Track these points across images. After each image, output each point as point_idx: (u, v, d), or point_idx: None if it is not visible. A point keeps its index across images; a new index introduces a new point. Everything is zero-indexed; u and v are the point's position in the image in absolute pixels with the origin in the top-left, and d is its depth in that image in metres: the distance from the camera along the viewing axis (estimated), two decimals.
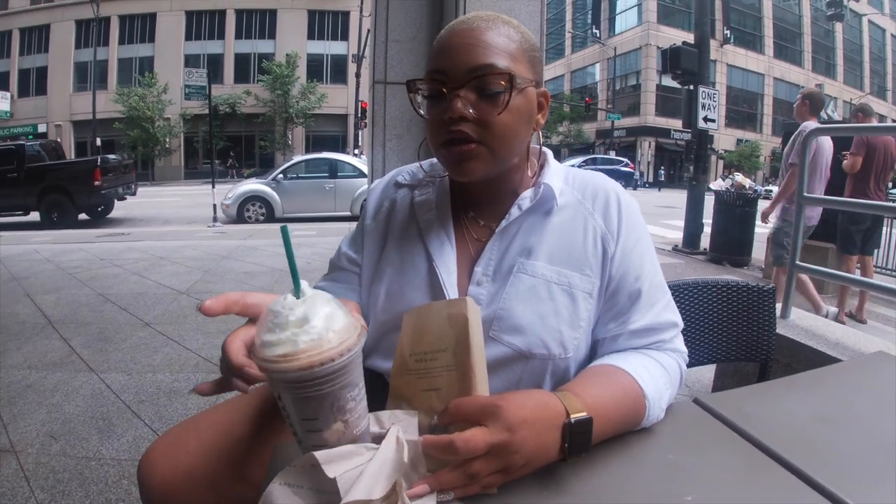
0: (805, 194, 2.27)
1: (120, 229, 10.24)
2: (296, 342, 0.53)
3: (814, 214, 4.22)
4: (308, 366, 0.53)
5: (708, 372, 2.57)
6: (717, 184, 7.23)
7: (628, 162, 30.83)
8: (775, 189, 5.06)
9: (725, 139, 37.18)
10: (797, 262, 2.30)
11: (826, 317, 5.03)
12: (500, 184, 0.91)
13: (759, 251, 6.62)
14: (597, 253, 0.87)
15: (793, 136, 4.05)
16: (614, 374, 0.80)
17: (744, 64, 38.67)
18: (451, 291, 0.87)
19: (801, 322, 2.19)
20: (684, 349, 0.92)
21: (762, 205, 5.22)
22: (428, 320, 0.73)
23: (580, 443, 0.67)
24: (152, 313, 4.19)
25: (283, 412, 0.59)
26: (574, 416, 0.67)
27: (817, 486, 0.66)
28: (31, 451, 2.27)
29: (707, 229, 7.45)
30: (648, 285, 0.88)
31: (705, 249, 7.48)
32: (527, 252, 0.87)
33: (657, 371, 0.83)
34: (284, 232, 0.63)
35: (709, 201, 7.41)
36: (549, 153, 0.98)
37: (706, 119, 7.75)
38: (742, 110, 39.56)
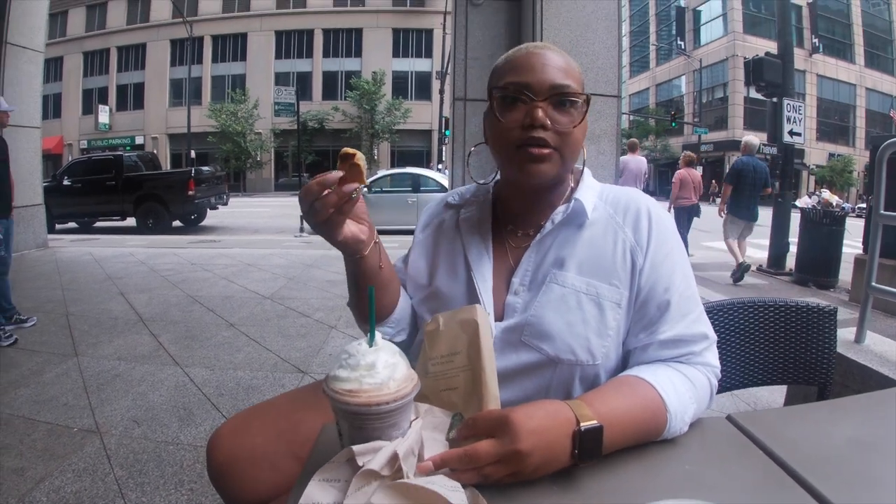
0: (882, 212, 2.15)
1: (211, 236, 10.85)
2: (361, 382, 0.64)
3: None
4: (366, 403, 0.63)
5: (779, 396, 2.47)
6: (804, 201, 6.81)
7: None
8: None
9: (817, 153, 35.10)
10: (873, 283, 2.18)
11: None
12: (539, 198, 0.98)
13: (846, 272, 6.22)
14: (626, 265, 0.92)
15: None
16: (636, 385, 0.83)
17: (834, 74, 36.44)
18: (487, 298, 0.94)
19: (875, 347, 2.07)
20: (716, 363, 0.93)
21: (851, 224, 4.90)
22: (444, 327, 0.81)
23: (590, 450, 0.71)
24: (237, 315, 4.45)
25: (338, 433, 0.69)
26: (584, 425, 0.71)
27: None
28: (115, 432, 2.48)
29: (793, 248, 7.08)
30: (678, 297, 0.90)
31: (790, 270, 7.05)
32: (559, 263, 0.93)
33: (682, 385, 0.85)
34: (371, 293, 0.74)
35: (795, 219, 7.04)
36: (588, 172, 1.03)
37: (791, 133, 7.38)
38: (834, 123, 37.11)
